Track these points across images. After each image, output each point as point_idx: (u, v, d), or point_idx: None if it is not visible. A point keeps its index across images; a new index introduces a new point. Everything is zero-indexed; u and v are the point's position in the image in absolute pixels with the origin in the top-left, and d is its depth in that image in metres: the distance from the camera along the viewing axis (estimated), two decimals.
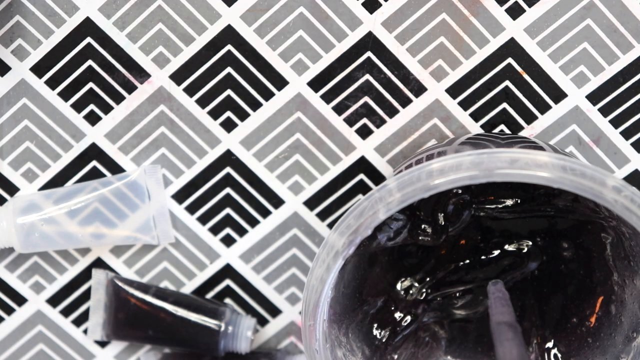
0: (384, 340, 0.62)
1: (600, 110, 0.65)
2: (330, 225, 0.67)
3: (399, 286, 0.63)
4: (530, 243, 0.63)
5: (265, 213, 0.67)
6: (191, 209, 0.67)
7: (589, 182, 0.52)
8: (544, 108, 0.65)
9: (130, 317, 0.67)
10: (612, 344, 0.61)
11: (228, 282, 0.68)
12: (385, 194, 0.54)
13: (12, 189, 0.67)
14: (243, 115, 0.65)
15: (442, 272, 0.63)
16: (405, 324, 0.63)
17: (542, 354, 0.63)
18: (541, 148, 0.59)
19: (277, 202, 0.67)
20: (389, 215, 0.54)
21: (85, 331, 0.69)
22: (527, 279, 0.63)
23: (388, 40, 0.64)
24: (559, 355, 0.62)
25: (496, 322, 0.55)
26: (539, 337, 0.63)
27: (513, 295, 0.62)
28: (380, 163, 0.66)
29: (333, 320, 0.59)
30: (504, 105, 0.65)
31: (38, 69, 0.64)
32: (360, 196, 0.67)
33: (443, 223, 0.61)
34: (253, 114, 0.65)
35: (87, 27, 0.64)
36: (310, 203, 0.67)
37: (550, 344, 0.63)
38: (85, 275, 0.68)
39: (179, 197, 0.67)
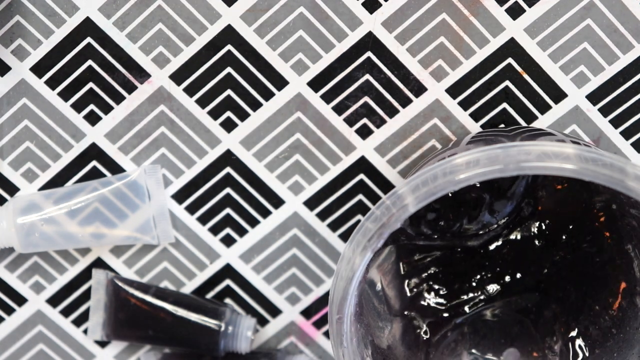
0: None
1: (600, 110, 0.65)
2: (330, 225, 0.67)
3: (429, 301, 0.64)
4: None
5: (265, 213, 0.67)
6: (191, 209, 0.67)
7: (609, 171, 0.53)
8: (544, 108, 0.65)
9: (130, 317, 0.67)
10: (639, 339, 0.61)
11: (228, 282, 0.68)
12: (409, 190, 0.54)
13: (12, 189, 0.67)
14: (243, 115, 0.65)
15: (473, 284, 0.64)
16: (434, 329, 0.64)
17: (566, 343, 0.63)
18: (549, 134, 0.59)
19: (277, 202, 0.67)
20: (418, 208, 0.54)
21: (85, 331, 0.69)
22: (549, 267, 0.63)
23: (388, 40, 0.64)
24: (584, 345, 0.62)
25: None
26: (562, 326, 0.63)
27: (534, 284, 0.63)
28: (380, 163, 0.66)
29: (358, 319, 0.59)
30: (504, 105, 0.65)
31: (38, 69, 0.64)
32: (360, 196, 0.67)
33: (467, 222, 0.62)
34: (253, 114, 0.65)
35: (87, 27, 0.64)
36: (310, 203, 0.67)
37: (574, 333, 0.63)
38: (85, 275, 0.68)
39: (179, 197, 0.67)
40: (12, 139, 0.66)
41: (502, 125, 0.65)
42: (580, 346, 0.62)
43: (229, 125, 0.66)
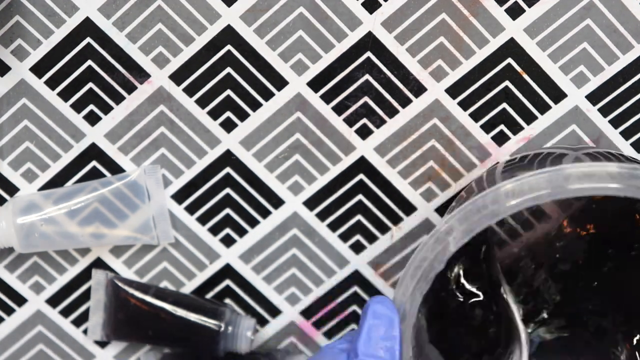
0: None
1: (600, 110, 0.65)
2: (330, 225, 0.67)
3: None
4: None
5: (265, 213, 0.67)
6: (191, 209, 0.67)
7: None
8: (543, 108, 0.65)
9: (130, 317, 0.67)
10: None
11: (228, 282, 0.68)
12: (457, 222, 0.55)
13: (12, 189, 0.67)
14: (243, 115, 0.65)
15: None
16: None
17: (632, 351, 0.63)
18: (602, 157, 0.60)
19: (277, 202, 0.67)
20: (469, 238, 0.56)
21: (85, 331, 0.69)
22: (599, 279, 0.63)
23: (388, 40, 0.64)
24: None
25: None
26: (624, 335, 0.63)
27: (589, 297, 0.64)
28: (380, 163, 0.66)
29: None
30: (504, 105, 0.65)
31: (38, 69, 0.64)
32: (360, 196, 0.67)
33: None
34: (253, 114, 0.65)
35: (87, 27, 0.64)
36: (310, 203, 0.67)
37: (638, 337, 0.63)
38: (85, 276, 0.68)
39: (179, 197, 0.67)
40: (12, 139, 0.66)
41: (502, 129, 0.65)
42: None
43: (228, 126, 0.66)
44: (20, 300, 0.69)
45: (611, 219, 0.63)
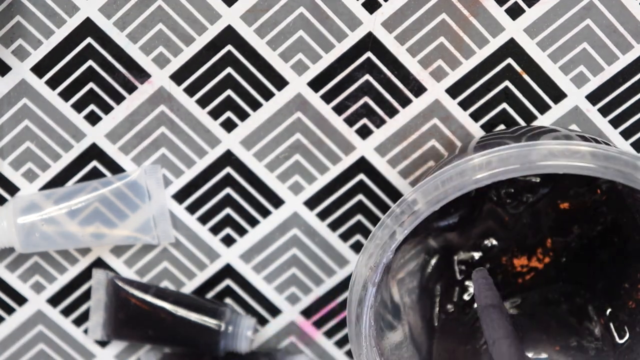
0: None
1: (600, 110, 0.65)
2: (330, 225, 0.67)
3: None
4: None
5: (265, 213, 0.67)
6: (191, 209, 0.67)
7: (623, 167, 0.53)
8: (543, 108, 0.65)
9: (131, 317, 0.67)
10: None
11: (228, 282, 0.68)
12: (422, 195, 0.55)
13: (13, 189, 0.67)
14: (243, 115, 0.65)
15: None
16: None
17: (605, 325, 0.63)
18: (553, 130, 0.60)
19: (277, 202, 0.67)
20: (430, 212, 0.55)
21: (85, 331, 0.69)
22: (567, 255, 0.63)
23: (388, 40, 0.64)
24: (625, 325, 0.63)
25: (482, 306, 0.58)
26: (596, 310, 0.63)
27: (559, 274, 0.63)
28: (380, 163, 0.66)
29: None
30: (504, 105, 0.65)
31: (38, 69, 0.64)
32: (360, 196, 0.67)
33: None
34: (253, 114, 0.65)
35: (88, 28, 0.64)
36: (310, 203, 0.67)
37: (608, 312, 0.63)
38: (85, 275, 0.68)
39: (179, 197, 0.67)
40: (12, 139, 0.66)
41: (502, 127, 0.65)
42: (617, 327, 0.63)
43: (229, 125, 0.66)
44: (21, 300, 0.69)
45: (574, 196, 0.63)
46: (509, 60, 0.64)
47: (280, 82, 0.65)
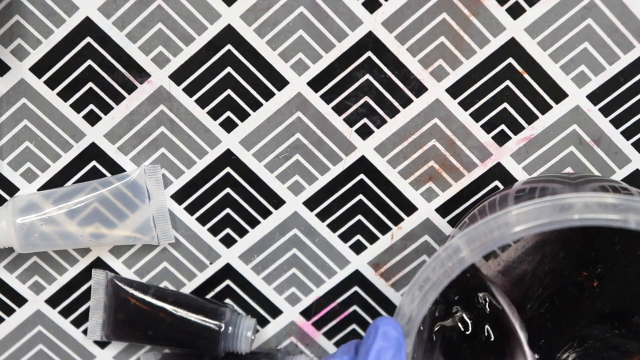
0: None
1: (601, 110, 0.65)
2: (330, 225, 0.67)
3: None
4: None
5: (265, 213, 0.67)
6: (191, 209, 0.67)
7: None
8: (544, 108, 0.65)
9: (130, 317, 0.67)
10: None
11: (228, 282, 0.68)
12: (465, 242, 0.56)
13: (12, 189, 0.67)
14: (243, 115, 0.65)
15: None
16: None
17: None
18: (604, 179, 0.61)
19: (277, 202, 0.67)
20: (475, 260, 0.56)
21: (85, 331, 0.69)
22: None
23: (388, 40, 0.64)
24: None
25: None
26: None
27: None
28: (380, 163, 0.66)
29: None
30: (505, 105, 0.65)
31: (37, 69, 0.64)
32: (360, 196, 0.67)
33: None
34: (253, 114, 0.65)
35: (87, 27, 0.64)
36: (310, 203, 0.67)
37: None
38: (85, 276, 0.68)
39: (179, 197, 0.67)
40: (11, 139, 0.66)
41: (503, 129, 0.65)
42: None
43: (229, 125, 0.65)
44: (20, 301, 0.68)
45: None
46: (510, 60, 0.64)
47: (280, 82, 0.65)
